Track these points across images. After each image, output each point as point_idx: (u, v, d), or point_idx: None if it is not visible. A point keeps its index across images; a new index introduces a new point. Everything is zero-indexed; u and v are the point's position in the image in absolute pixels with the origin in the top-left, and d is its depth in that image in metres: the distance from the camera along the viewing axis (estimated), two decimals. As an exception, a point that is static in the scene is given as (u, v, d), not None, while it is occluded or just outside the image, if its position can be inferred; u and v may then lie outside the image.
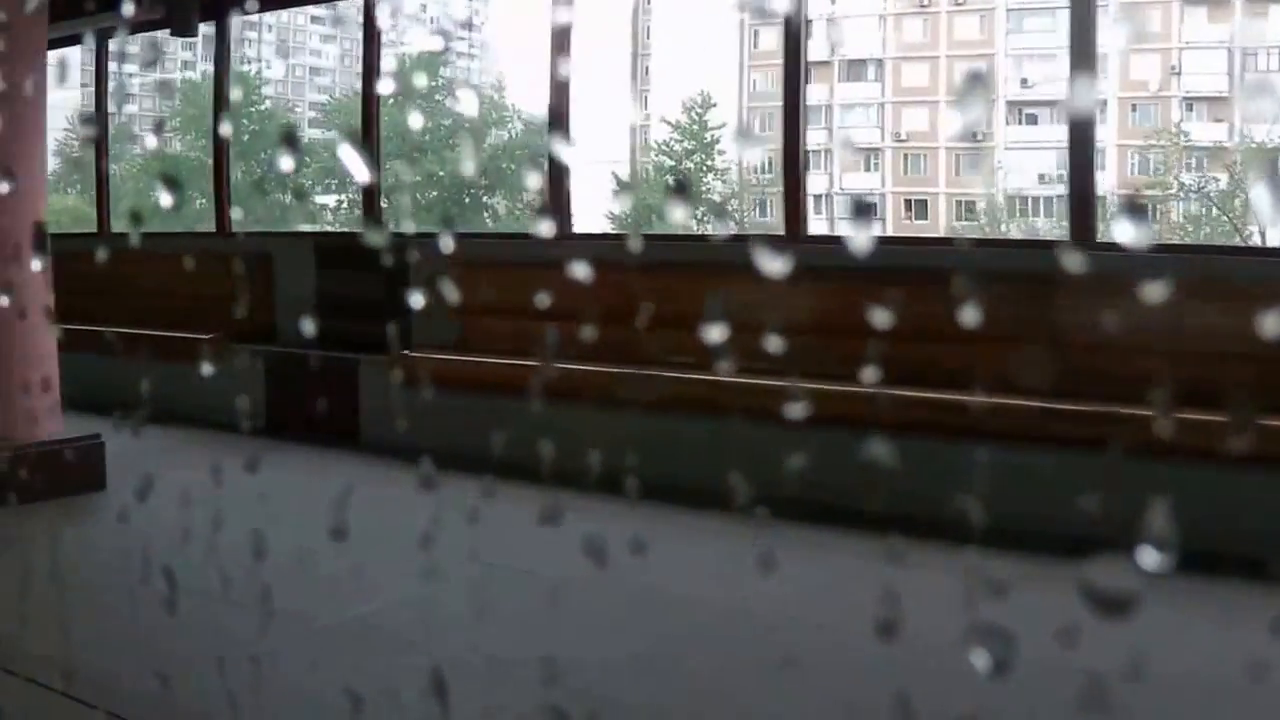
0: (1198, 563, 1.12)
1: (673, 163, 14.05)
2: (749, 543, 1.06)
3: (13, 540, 3.35)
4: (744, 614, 3.13)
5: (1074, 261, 0.88)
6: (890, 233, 11.87)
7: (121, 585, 2.19)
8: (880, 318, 1.00)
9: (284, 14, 13.93)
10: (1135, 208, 0.78)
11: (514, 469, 1.32)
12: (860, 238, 0.91)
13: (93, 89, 8.35)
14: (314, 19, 15.44)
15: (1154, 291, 0.80)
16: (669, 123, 13.80)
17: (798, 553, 3.09)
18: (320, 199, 14.42)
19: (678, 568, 3.27)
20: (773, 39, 13.31)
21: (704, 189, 13.69)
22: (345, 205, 14.33)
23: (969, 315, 0.81)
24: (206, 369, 5.06)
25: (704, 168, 13.90)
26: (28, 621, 2.49)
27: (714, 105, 13.61)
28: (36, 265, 3.81)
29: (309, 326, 3.80)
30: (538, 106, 14.25)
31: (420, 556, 2.08)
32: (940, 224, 11.92)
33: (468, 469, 1.26)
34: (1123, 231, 0.73)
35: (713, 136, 13.75)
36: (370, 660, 2.87)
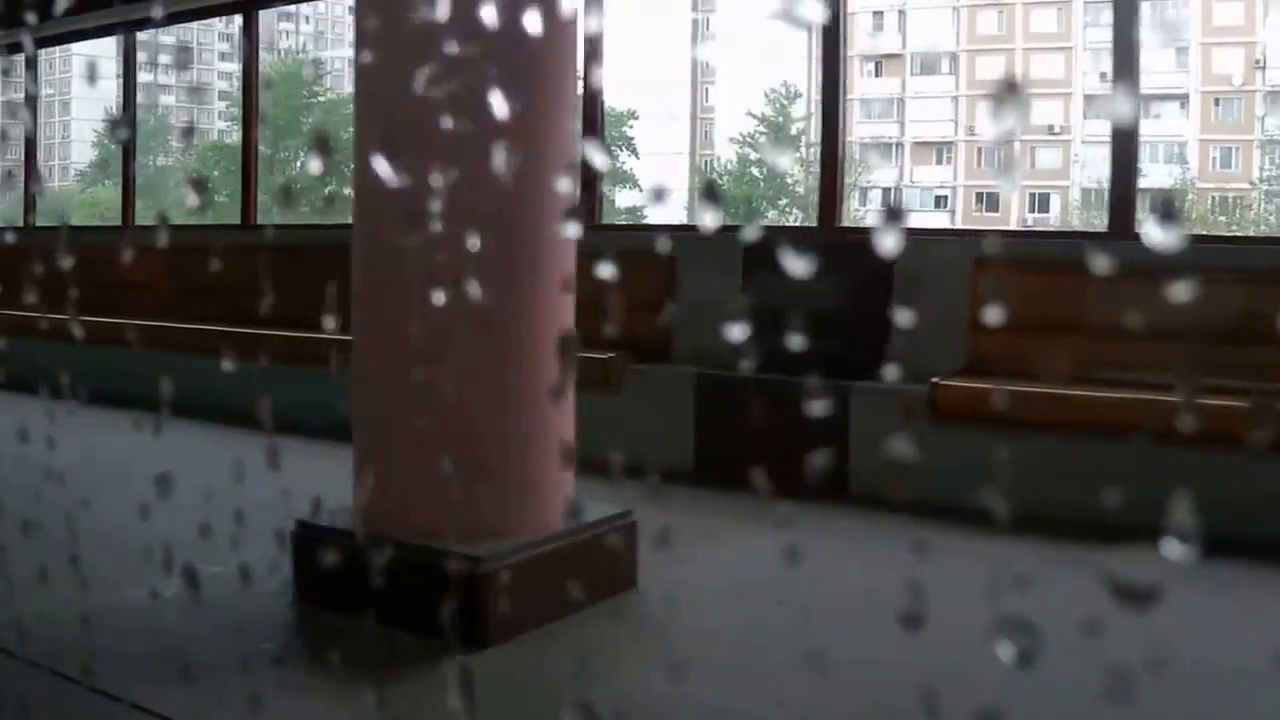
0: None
1: (757, 155, 13.92)
2: None
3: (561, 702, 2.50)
4: None
5: None
6: (960, 225, 11.71)
7: None
8: None
9: (321, 5, 14.04)
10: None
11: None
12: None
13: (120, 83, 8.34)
14: (351, 8, 15.65)
15: None
16: (754, 115, 13.64)
17: None
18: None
19: None
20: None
21: (792, 182, 13.53)
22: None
23: None
24: (616, 395, 4.33)
25: (791, 160, 13.69)
26: None
27: (799, 96, 13.42)
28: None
29: (740, 343, 3.11)
30: (614, 99, 14.21)
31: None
32: (1012, 217, 11.71)
33: (1042, 531, 0.96)
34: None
35: (797, 130, 13.56)
36: None
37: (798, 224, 6.20)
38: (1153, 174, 10.89)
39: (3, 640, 2.38)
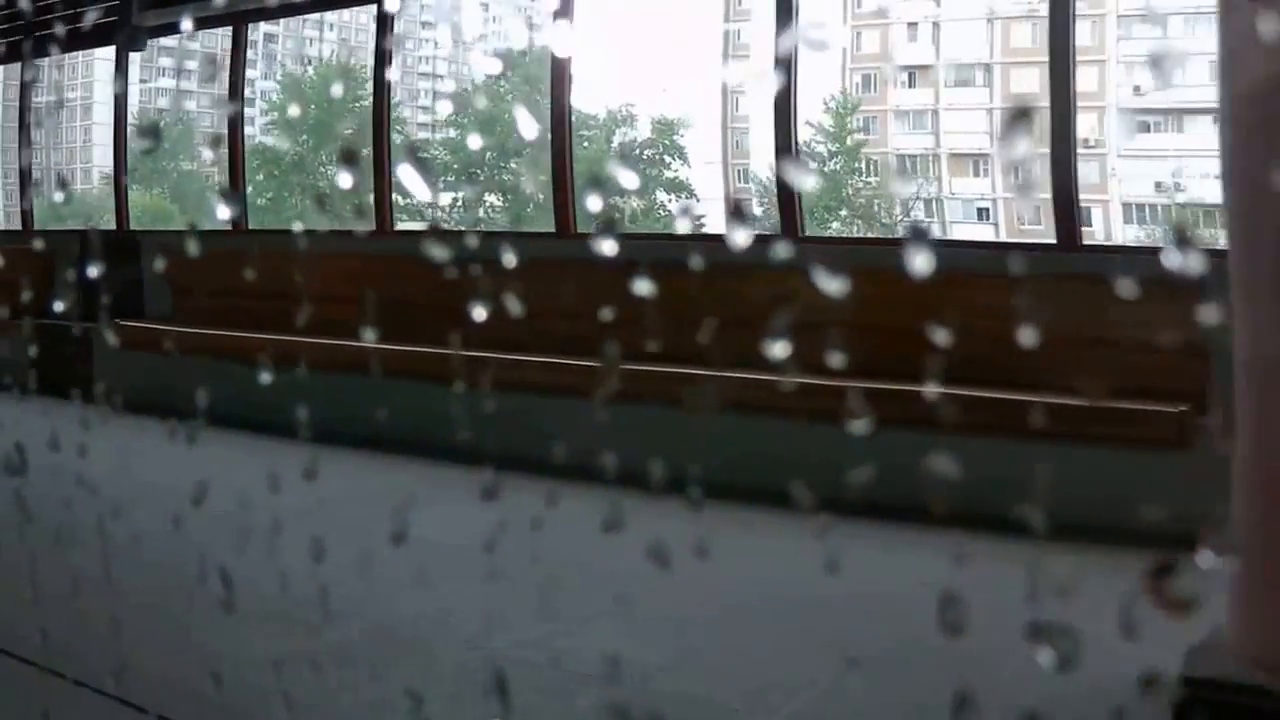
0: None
1: (816, 165, 13.90)
2: None
3: None
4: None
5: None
6: (1004, 238, 11.70)
7: None
8: None
9: (346, 13, 14.22)
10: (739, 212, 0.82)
11: None
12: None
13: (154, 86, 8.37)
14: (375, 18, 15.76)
15: None
16: (810, 124, 13.63)
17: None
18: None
19: None
20: (875, 41, 13.25)
21: (851, 192, 13.52)
22: (460, 204, 14.54)
23: None
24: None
25: (848, 170, 13.68)
26: None
27: (858, 106, 13.38)
28: None
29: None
30: (668, 108, 14.31)
31: None
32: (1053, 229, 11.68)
33: None
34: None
35: (855, 141, 13.53)
36: None
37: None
38: (1189, 188, 10.83)
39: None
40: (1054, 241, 7.41)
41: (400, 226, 11.66)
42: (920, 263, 0.96)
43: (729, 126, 13.61)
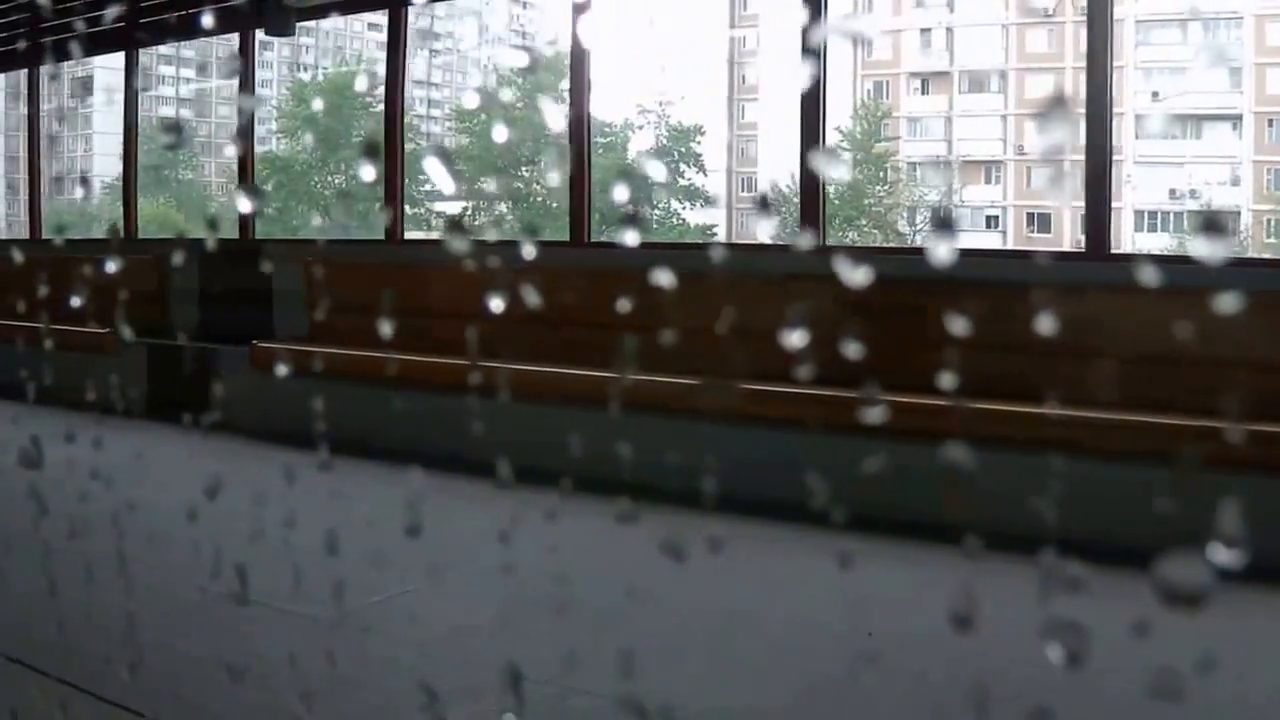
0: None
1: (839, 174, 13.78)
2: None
3: None
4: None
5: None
6: (1013, 245, 11.64)
7: None
8: None
9: (340, 21, 14.17)
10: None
11: None
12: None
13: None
14: (371, 25, 15.65)
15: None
16: (840, 131, 13.53)
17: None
18: (438, 205, 14.62)
19: None
20: (886, 48, 13.19)
21: (870, 201, 13.40)
22: (470, 212, 14.44)
23: None
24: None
25: (872, 179, 13.56)
26: None
27: (887, 115, 13.27)
28: None
29: None
30: (684, 114, 14.24)
31: None
32: (1065, 238, 11.60)
33: None
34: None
35: (885, 150, 13.43)
36: None
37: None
38: (1205, 195, 10.76)
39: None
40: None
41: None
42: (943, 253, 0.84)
43: (734, 134, 13.56)
